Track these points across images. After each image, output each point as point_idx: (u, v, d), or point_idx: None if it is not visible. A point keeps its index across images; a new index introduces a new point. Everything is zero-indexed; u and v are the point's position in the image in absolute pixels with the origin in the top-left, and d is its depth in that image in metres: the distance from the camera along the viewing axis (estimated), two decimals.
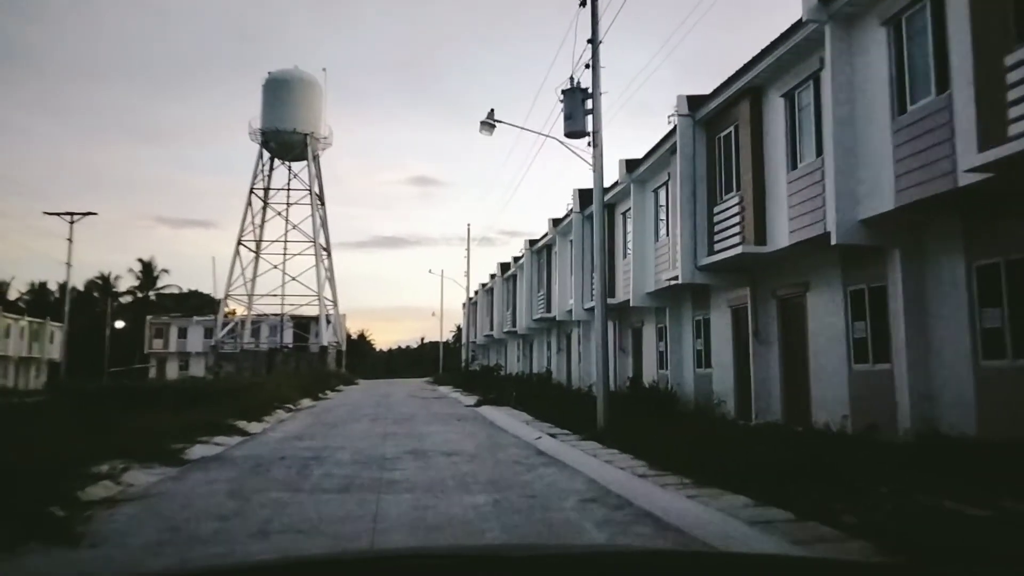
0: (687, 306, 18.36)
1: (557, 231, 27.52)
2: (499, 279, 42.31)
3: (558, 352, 31.58)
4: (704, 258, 14.50)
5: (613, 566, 1.62)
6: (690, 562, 1.81)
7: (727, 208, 13.88)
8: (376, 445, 12.57)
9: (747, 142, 13.25)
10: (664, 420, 15.02)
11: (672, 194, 16.70)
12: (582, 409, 17.84)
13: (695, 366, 17.99)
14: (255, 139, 57.49)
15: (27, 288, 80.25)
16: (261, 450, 12.03)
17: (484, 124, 14.58)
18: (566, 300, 27.15)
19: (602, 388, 13.91)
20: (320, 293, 56.93)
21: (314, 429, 15.76)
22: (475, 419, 18.50)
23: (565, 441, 13.01)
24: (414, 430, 15.34)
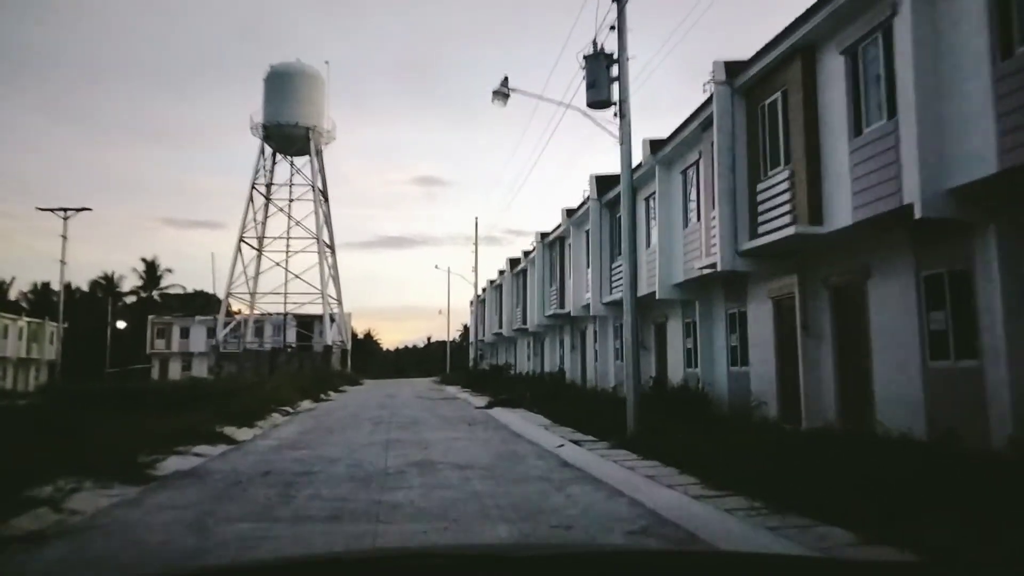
0: (719, 298, 16.73)
1: (571, 222, 25.91)
2: (508, 275, 40.71)
3: (572, 350, 29.97)
4: (746, 243, 12.87)
5: (613, 566, 1.63)
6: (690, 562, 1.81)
7: (774, 185, 12.25)
8: (377, 455, 11.00)
9: (798, 108, 11.62)
10: (697, 423, 13.48)
11: (705, 174, 15.08)
12: (605, 412, 16.28)
13: (729, 364, 16.36)
14: (256, 133, 56.08)
15: (29, 288, 79.13)
16: (244, 463, 10.47)
17: (497, 93, 13.01)
18: (581, 295, 25.54)
19: (632, 389, 12.31)
20: (324, 291, 55.46)
21: (309, 436, 14.20)
22: (487, 423, 16.92)
23: (592, 450, 11.42)
24: (420, 436, 13.78)
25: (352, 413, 20.26)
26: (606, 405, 18.56)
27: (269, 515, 6.79)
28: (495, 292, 47.70)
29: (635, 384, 12.32)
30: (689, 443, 10.79)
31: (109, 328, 68.53)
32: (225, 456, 11.29)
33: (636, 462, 10.00)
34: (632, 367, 12.36)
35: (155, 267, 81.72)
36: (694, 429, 12.57)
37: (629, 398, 12.28)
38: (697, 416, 14.80)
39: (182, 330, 73.83)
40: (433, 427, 15.66)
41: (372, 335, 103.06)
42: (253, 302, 57.78)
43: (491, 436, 13.94)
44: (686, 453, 9.80)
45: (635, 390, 12.29)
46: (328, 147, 59.19)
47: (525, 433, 14.38)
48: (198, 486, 8.42)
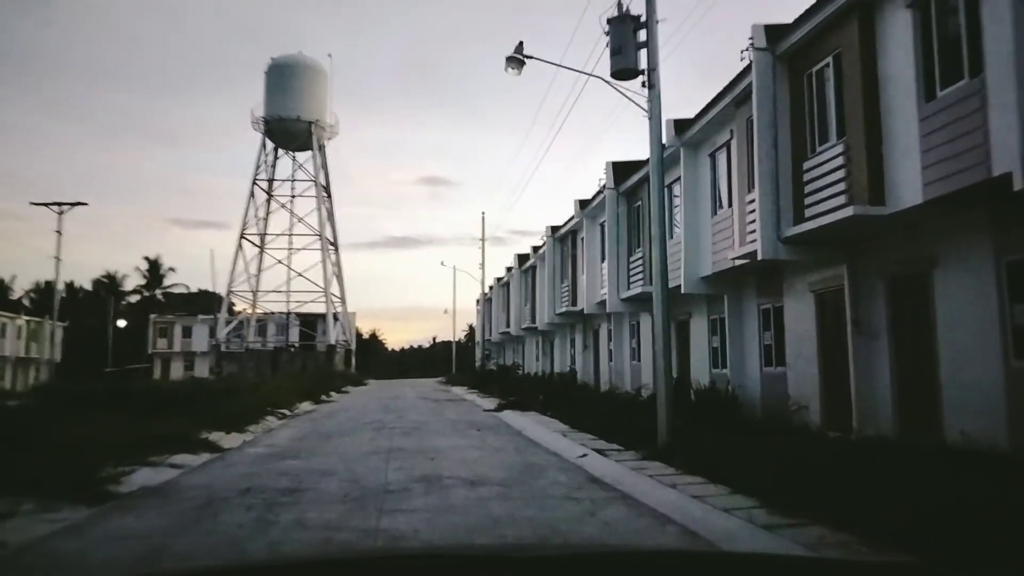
0: (750, 293, 15.35)
1: (585, 214, 24.52)
2: (516, 272, 39.34)
3: (584, 350, 28.60)
4: (789, 229, 11.48)
5: (613, 566, 1.63)
6: (690, 562, 1.80)
7: (824, 162, 10.86)
8: (377, 468, 9.67)
9: (855, 74, 10.23)
10: (733, 430, 12.14)
11: (739, 155, 13.70)
12: (626, 417, 14.94)
13: (762, 364, 14.97)
14: (257, 128, 54.84)
15: (32, 287, 78.08)
16: (225, 476, 9.15)
17: (511, 59, 11.65)
18: (595, 291, 24.17)
19: (663, 392, 10.95)
20: (327, 289, 54.20)
21: (304, 443, 12.88)
22: (498, 428, 15.57)
23: (620, 461, 10.06)
24: (426, 443, 12.44)
25: (353, 416, 18.94)
26: (625, 409, 17.23)
27: (237, 549, 5.46)
28: (502, 290, 46.35)
29: (666, 386, 10.95)
30: (732, 454, 9.45)
31: (110, 327, 67.50)
32: (205, 468, 9.97)
33: (675, 477, 8.65)
34: (663, 367, 11.00)
35: (158, 266, 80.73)
36: (730, 437, 11.25)
37: (660, 402, 10.91)
38: (727, 421, 13.47)
39: (184, 329, 72.77)
40: (439, 433, 14.32)
41: (377, 335, 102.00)
42: (255, 300, 56.54)
43: (504, 443, 12.59)
44: (733, 468, 8.44)
45: (667, 393, 10.92)
46: (332, 144, 57.97)
47: (541, 440, 13.03)
48: (161, 508, 7.09)
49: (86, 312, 73.51)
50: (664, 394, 10.93)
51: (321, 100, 55.84)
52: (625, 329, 23.63)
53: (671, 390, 11.08)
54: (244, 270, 54.73)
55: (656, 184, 11.26)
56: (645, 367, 21.56)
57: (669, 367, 11.11)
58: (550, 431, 14.29)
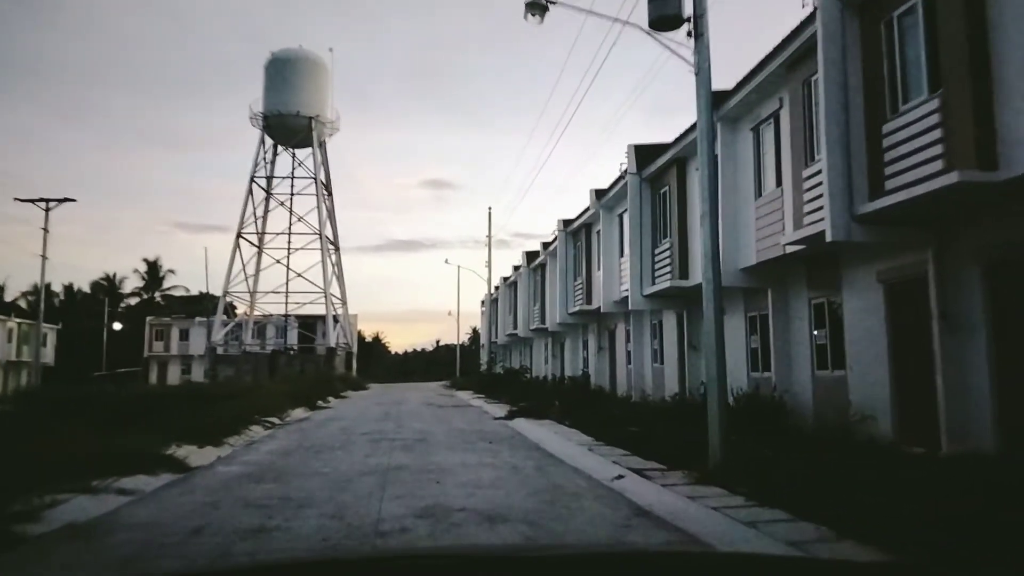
0: (799, 285, 13.48)
1: (601, 204, 22.67)
2: (525, 270, 37.48)
3: (599, 351, 26.74)
4: (864, 205, 9.61)
5: (613, 566, 1.62)
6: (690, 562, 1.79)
7: (913, 122, 8.99)
8: (370, 496, 7.82)
9: (954, 15, 8.37)
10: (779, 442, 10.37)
11: (793, 126, 11.86)
12: (657, 427, 13.11)
13: (814, 366, 13.10)
14: (256, 124, 52.98)
15: (29, 289, 76.33)
16: (179, 507, 7.31)
17: (532, 5, 9.81)
18: (613, 288, 22.32)
19: (716, 400, 9.09)
20: (327, 290, 52.32)
21: (287, 459, 11.03)
22: (512, 440, 13.71)
23: (668, 486, 8.21)
24: (430, 460, 10.59)
25: (349, 426, 17.09)
26: (652, 417, 15.39)
27: None
28: (509, 290, 44.53)
29: (719, 393, 9.09)
30: (810, 479, 7.61)
31: (105, 330, 65.81)
32: (158, 495, 8.13)
33: (748, 510, 6.78)
34: (715, 370, 9.14)
35: (157, 268, 79.02)
36: (793, 454, 9.43)
37: (712, 412, 9.06)
38: (773, 431, 11.67)
39: (181, 332, 71.09)
40: (446, 446, 12.46)
41: (381, 338, 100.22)
42: (253, 302, 54.69)
43: (522, 460, 10.73)
44: (824, 499, 6.59)
45: (719, 401, 9.06)
46: (333, 144, 56.22)
47: (564, 455, 11.17)
48: (72, 559, 5.26)
49: (83, 315, 71.86)
50: (717, 402, 9.07)
51: (322, 95, 54.02)
52: (646, 329, 21.76)
53: (724, 398, 9.22)
54: (242, 270, 52.92)
55: (705, 151, 9.41)
56: (669, 370, 19.71)
57: (723, 370, 9.25)
58: (572, 444, 12.44)
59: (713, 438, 9.03)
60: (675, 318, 19.43)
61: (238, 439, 13.60)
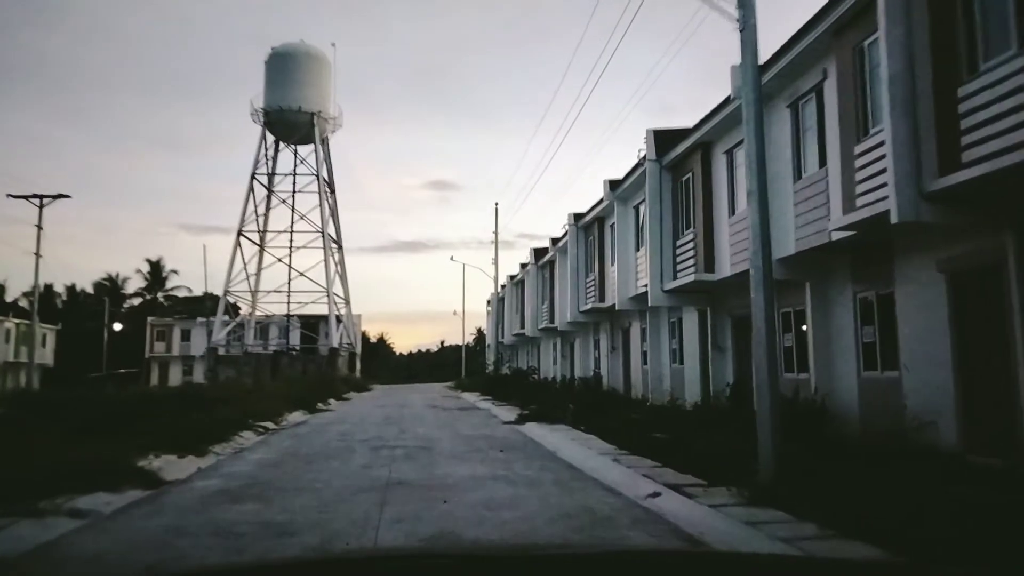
0: (843, 278, 12.23)
1: (616, 196, 21.42)
2: (533, 268, 36.24)
3: (611, 351, 25.50)
4: (935, 181, 8.35)
5: (613, 566, 1.60)
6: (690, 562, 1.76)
7: (997, 82, 7.73)
8: (365, 519, 6.61)
9: None
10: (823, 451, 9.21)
11: (841, 99, 10.61)
12: (684, 433, 11.91)
13: (859, 367, 11.85)
14: (256, 119, 51.84)
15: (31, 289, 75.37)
16: (135, 535, 6.12)
17: None
18: (628, 284, 21.08)
19: (768, 406, 7.86)
20: (329, 289, 51.14)
21: (276, 471, 9.83)
22: (525, 448, 12.49)
23: (716, 508, 6.98)
24: (436, 473, 9.38)
25: (348, 431, 15.88)
26: (675, 422, 14.18)
27: None
28: (516, 289, 43.31)
29: (772, 397, 7.86)
30: (887, 501, 6.39)
31: (106, 330, 64.82)
32: (117, 517, 6.92)
33: (827, 543, 5.54)
34: (765, 371, 7.90)
35: (160, 268, 78.07)
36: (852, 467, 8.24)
37: (762, 419, 7.82)
38: (813, 439, 10.43)
39: (183, 332, 70.08)
40: (452, 455, 11.25)
41: (385, 339, 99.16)
42: (254, 301, 53.54)
43: (539, 473, 9.51)
44: (921, 529, 5.36)
45: (772, 408, 7.82)
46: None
47: (587, 467, 9.94)
48: None
49: (85, 316, 70.96)
50: (768, 408, 7.83)
51: (324, 90, 52.87)
52: (663, 327, 20.52)
53: (777, 404, 7.97)
54: (243, 269, 51.77)
55: (752, 118, 8.17)
56: (690, 372, 18.47)
57: (775, 371, 8.01)
58: (593, 453, 11.21)
59: (763, 449, 7.79)
60: (696, 316, 18.18)
61: (225, 447, 12.41)
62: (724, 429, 12.33)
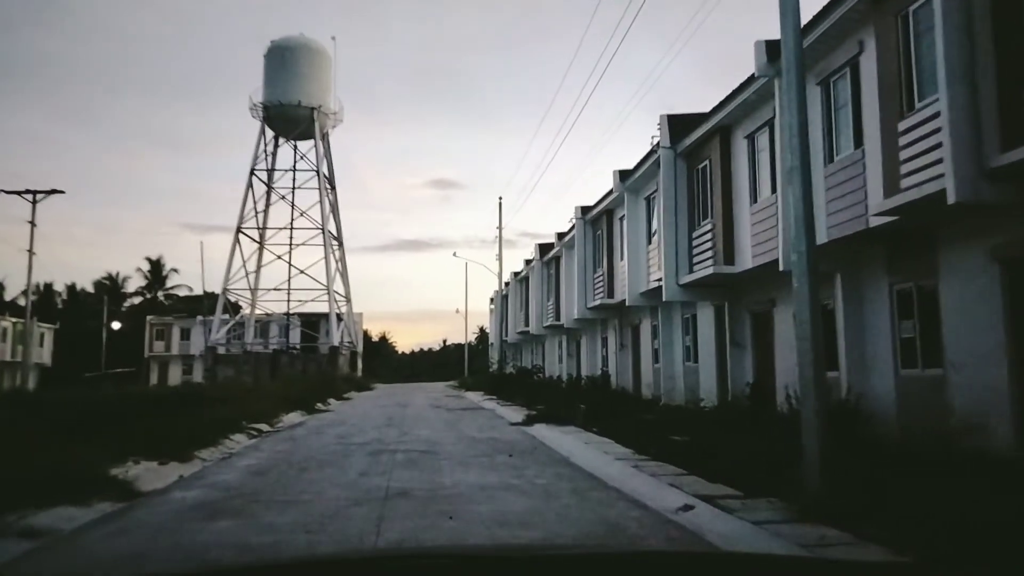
0: (877, 269, 11.34)
1: (626, 187, 20.53)
2: (537, 264, 35.35)
3: (620, 349, 24.62)
4: (1000, 155, 7.47)
5: (613, 566, 1.59)
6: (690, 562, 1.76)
7: None
8: (360, 539, 5.74)
9: None
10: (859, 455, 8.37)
11: (883, 69, 9.72)
12: (713, 437, 11.04)
13: (897, 365, 10.97)
14: (255, 114, 50.96)
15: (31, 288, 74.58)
16: (91, 561, 5.30)
17: None
18: (640, 278, 20.22)
19: (813, 407, 6.98)
20: (330, 286, 50.28)
21: (264, 479, 8.97)
22: (535, 452, 11.62)
23: (760, 525, 6.11)
24: (439, 482, 8.51)
25: (346, 433, 15.03)
26: (692, 424, 13.32)
27: None
28: (520, 286, 42.45)
29: (818, 397, 6.97)
30: (962, 516, 5.53)
31: (104, 329, 64.06)
32: (76, 538, 6.06)
33: None
34: (811, 367, 7.01)
35: (160, 266, 77.33)
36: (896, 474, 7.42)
37: (808, 423, 6.95)
38: (849, 443, 9.54)
39: (182, 331, 69.29)
40: (458, 461, 10.38)
41: (387, 338, 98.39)
42: (254, 299, 52.68)
43: (553, 481, 8.64)
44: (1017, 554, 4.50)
45: (818, 410, 6.94)
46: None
47: (605, 474, 9.07)
48: None
49: (86, 315, 70.24)
50: (814, 409, 6.95)
51: (324, 85, 51.99)
52: (676, 324, 19.65)
53: (825, 407, 7.08)
54: (242, 267, 50.92)
55: (794, 85, 7.29)
56: (706, 370, 17.60)
57: (821, 369, 7.11)
58: (609, 458, 10.33)
59: (809, 456, 6.92)
60: (712, 311, 17.30)
61: (213, 451, 11.56)
62: (748, 431, 11.48)
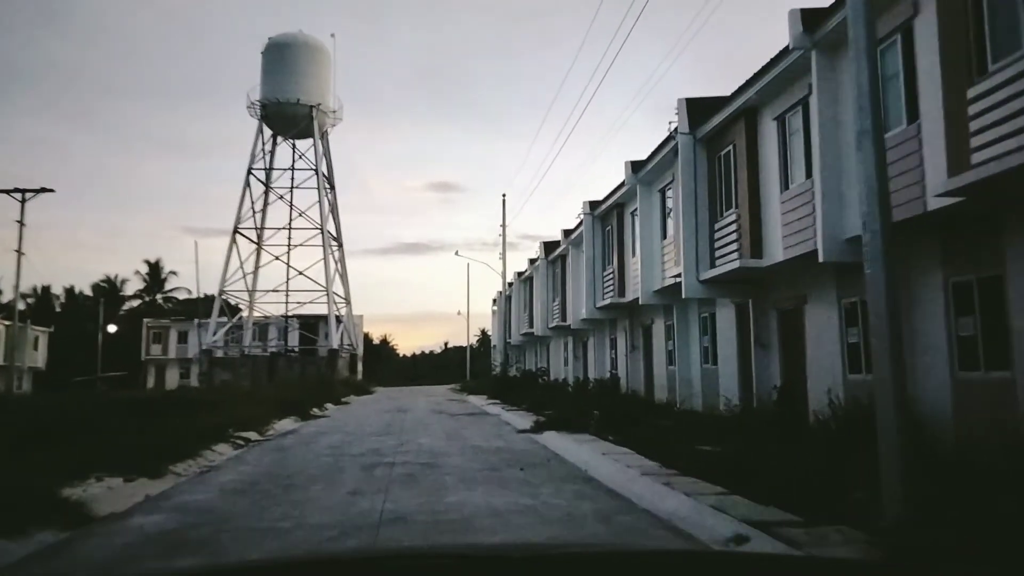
0: (929, 260, 10.18)
1: (639, 178, 19.37)
2: (542, 263, 34.18)
3: (631, 351, 23.45)
4: None
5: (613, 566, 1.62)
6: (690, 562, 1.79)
7: None
8: None
9: None
10: (932, 474, 7.22)
11: (940, 35, 8.58)
12: (744, 447, 9.91)
13: (953, 367, 9.80)
14: (253, 112, 49.87)
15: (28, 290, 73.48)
16: None
17: None
18: (654, 275, 19.06)
19: (893, 416, 5.82)
20: (329, 288, 49.13)
21: (240, 502, 7.80)
22: (549, 465, 10.45)
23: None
24: (442, 504, 7.35)
25: (341, 442, 13.87)
26: (716, 431, 12.17)
27: None
28: (523, 286, 41.29)
29: (897, 404, 5.81)
30: None
31: (100, 333, 62.98)
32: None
33: None
34: (889, 371, 5.85)
35: (159, 269, 76.26)
36: (975, 493, 6.29)
37: (887, 434, 5.79)
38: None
39: (180, 334, 68.20)
40: (463, 476, 9.21)
41: (388, 341, 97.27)
42: (252, 301, 51.53)
43: (574, 502, 7.47)
44: None
45: (900, 424, 5.78)
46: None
47: (633, 494, 7.91)
48: None
49: (84, 318, 69.23)
50: (896, 424, 5.78)
51: (323, 83, 50.88)
52: (693, 323, 18.50)
53: (905, 419, 5.90)
54: (239, 268, 49.78)
55: (863, 39, 6.14)
56: (726, 373, 16.43)
57: (901, 371, 5.93)
58: (634, 473, 9.16)
59: (890, 477, 5.75)
60: (734, 309, 16.15)
61: (191, 465, 10.41)
62: (782, 441, 10.34)
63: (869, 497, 6.47)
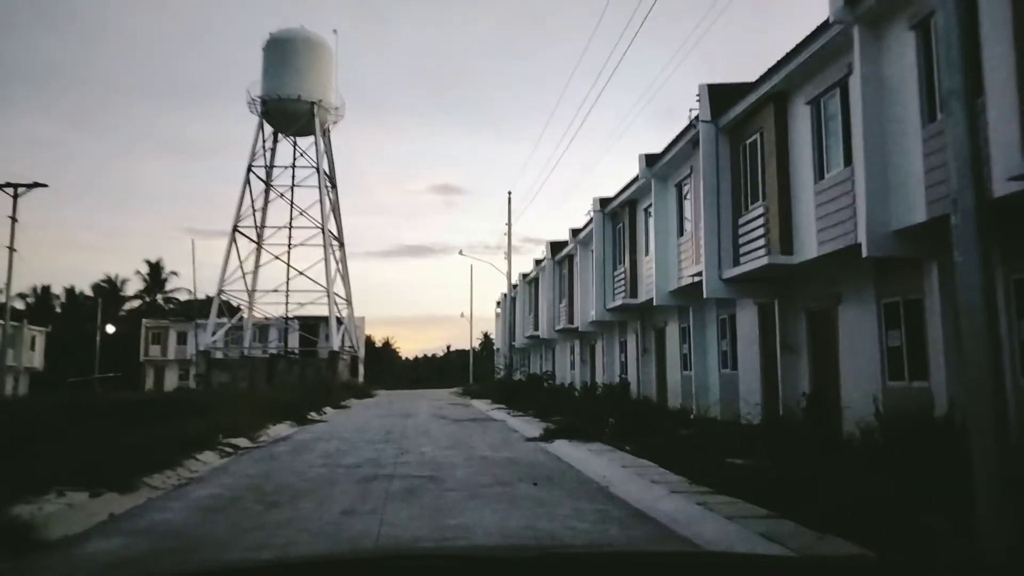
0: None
1: (654, 173, 18.40)
2: (548, 264, 33.19)
3: (643, 355, 22.47)
4: None
5: (613, 566, 1.60)
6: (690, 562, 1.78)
7: None
8: None
9: None
10: None
11: None
12: (778, 459, 8.95)
13: (1018, 372, 8.82)
14: (253, 109, 48.95)
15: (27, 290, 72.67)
16: None
17: None
18: (669, 275, 18.10)
19: (990, 432, 4.83)
20: (330, 289, 48.16)
21: (217, 522, 6.81)
22: (564, 480, 9.45)
23: None
24: (444, 528, 6.36)
25: (336, 450, 12.91)
26: (741, 441, 11.20)
27: None
28: (528, 288, 40.29)
29: (997, 417, 4.84)
30: None
31: (98, 333, 62.13)
32: None
33: None
34: (989, 377, 4.87)
35: (159, 270, 75.49)
36: None
37: (986, 454, 4.81)
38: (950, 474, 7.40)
39: (179, 335, 67.35)
40: (469, 492, 8.23)
41: (391, 343, 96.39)
42: (251, 301, 50.57)
43: (599, 527, 6.48)
44: None
45: (997, 437, 4.80)
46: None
47: (664, 516, 6.91)
48: None
49: (84, 318, 68.46)
50: (993, 439, 4.81)
51: (325, 79, 49.97)
52: (711, 326, 17.52)
53: (1004, 432, 4.93)
54: (238, 267, 48.83)
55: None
56: (747, 378, 15.45)
57: (1001, 378, 4.96)
58: (662, 490, 8.17)
59: (990, 506, 4.76)
60: (756, 310, 15.17)
61: (169, 476, 9.43)
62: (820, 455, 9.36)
63: (950, 526, 5.51)
